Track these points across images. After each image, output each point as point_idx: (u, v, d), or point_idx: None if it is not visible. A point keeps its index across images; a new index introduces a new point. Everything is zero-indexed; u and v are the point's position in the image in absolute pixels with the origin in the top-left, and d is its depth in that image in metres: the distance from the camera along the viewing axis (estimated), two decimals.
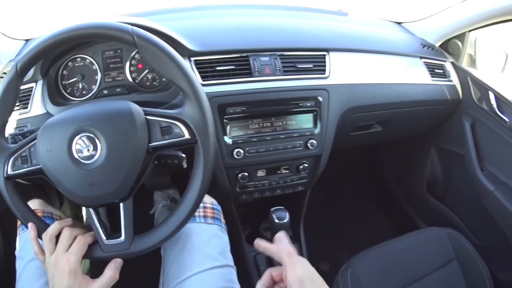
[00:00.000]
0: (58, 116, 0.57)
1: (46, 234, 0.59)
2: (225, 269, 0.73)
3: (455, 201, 1.23)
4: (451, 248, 0.97)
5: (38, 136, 0.57)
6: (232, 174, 0.84)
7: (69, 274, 0.56)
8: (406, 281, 0.90)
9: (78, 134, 0.55)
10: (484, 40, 1.19)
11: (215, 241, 0.75)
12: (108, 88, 0.83)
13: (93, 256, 0.61)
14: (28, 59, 0.58)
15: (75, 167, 0.54)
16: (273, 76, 0.83)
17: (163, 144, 0.57)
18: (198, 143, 0.57)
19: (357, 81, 0.91)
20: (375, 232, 1.50)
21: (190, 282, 0.68)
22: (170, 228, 0.59)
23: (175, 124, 0.56)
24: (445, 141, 1.22)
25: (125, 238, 0.59)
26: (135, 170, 0.55)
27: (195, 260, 0.70)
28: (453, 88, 1.10)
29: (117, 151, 0.54)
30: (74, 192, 0.55)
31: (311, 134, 0.85)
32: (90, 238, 0.60)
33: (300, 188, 0.92)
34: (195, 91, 0.56)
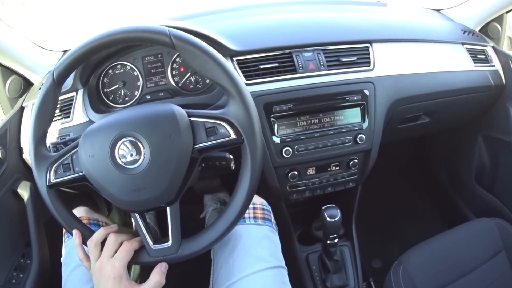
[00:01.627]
0: (99, 122, 0.57)
1: (91, 240, 0.59)
2: (276, 270, 0.71)
3: (504, 190, 1.18)
4: (499, 239, 0.94)
5: (79, 143, 0.56)
6: (282, 174, 0.83)
7: (114, 280, 0.55)
8: (455, 276, 0.88)
9: (120, 139, 0.54)
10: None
11: (266, 242, 0.74)
12: (151, 93, 0.83)
13: (140, 261, 0.60)
14: (65, 67, 0.57)
15: (119, 172, 0.54)
16: (318, 71, 0.81)
17: (208, 145, 0.55)
18: (244, 143, 0.55)
19: (402, 72, 0.88)
20: (426, 226, 1.47)
21: (240, 285, 0.67)
22: (218, 231, 0.58)
23: (220, 125, 0.55)
24: (491, 129, 1.17)
25: (172, 242, 0.58)
26: (181, 173, 0.54)
27: (245, 262, 0.69)
28: (496, 73, 1.05)
29: (161, 155, 0.53)
30: (118, 198, 0.55)
31: (360, 128, 0.83)
32: (136, 244, 0.59)
33: (351, 185, 0.90)
34: (238, 89, 0.55)
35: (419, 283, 0.84)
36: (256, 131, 0.55)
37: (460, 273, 0.88)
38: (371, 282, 0.99)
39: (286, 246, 0.79)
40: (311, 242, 0.98)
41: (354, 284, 0.95)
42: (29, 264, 0.90)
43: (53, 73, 0.58)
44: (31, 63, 0.93)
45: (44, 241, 0.93)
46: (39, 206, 0.92)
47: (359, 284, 0.96)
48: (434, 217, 1.52)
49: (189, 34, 0.55)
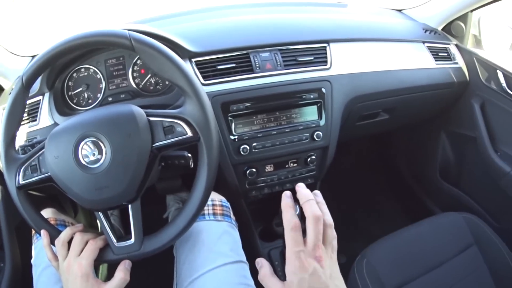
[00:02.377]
0: (63, 124, 0.59)
1: (58, 240, 0.60)
2: (238, 265, 0.72)
3: (470, 184, 1.19)
4: (469, 233, 0.94)
5: (45, 144, 0.58)
6: (240, 171, 0.83)
7: (81, 279, 0.56)
8: (424, 269, 0.87)
9: (83, 140, 0.55)
10: (488, 19, 1.16)
11: (226, 238, 0.74)
12: (113, 95, 0.84)
13: (105, 259, 0.61)
14: (33, 71, 0.59)
15: (82, 172, 0.55)
16: (274, 70, 0.82)
17: (166, 143, 0.57)
18: (201, 140, 0.57)
19: (360, 70, 0.90)
20: (390, 221, 1.47)
21: (204, 280, 0.68)
22: (178, 227, 0.59)
23: (177, 123, 0.57)
24: (455, 124, 1.19)
25: (135, 240, 0.59)
26: (141, 171, 0.56)
27: (207, 258, 0.70)
28: (459, 71, 1.07)
29: (121, 154, 0.55)
30: (82, 197, 0.56)
31: (317, 126, 0.84)
32: (101, 242, 0.60)
33: (310, 181, 0.91)
34: (194, 89, 0.56)
35: (384, 276, 0.84)
36: (212, 129, 0.57)
37: (429, 266, 0.88)
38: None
39: (248, 242, 0.79)
40: (273, 238, 0.98)
41: None
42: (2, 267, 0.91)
43: (22, 77, 0.59)
44: (2, 68, 0.95)
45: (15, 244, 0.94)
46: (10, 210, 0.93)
47: None
48: (398, 213, 1.52)
49: (149, 36, 0.57)
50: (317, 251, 0.49)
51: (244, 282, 0.71)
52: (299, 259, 0.49)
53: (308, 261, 0.48)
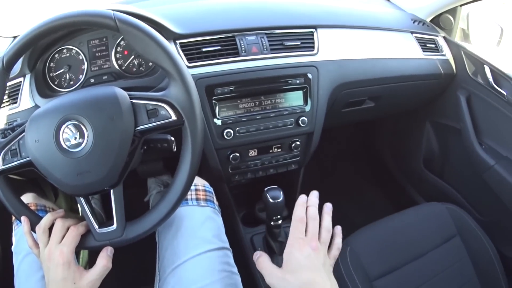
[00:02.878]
0: (44, 106, 0.56)
1: (39, 226, 0.58)
2: (221, 251, 0.71)
3: (454, 176, 1.20)
4: (452, 224, 0.95)
5: (26, 128, 0.56)
6: (223, 156, 0.82)
7: (63, 266, 0.55)
8: (407, 258, 0.87)
9: (64, 123, 0.54)
10: (477, 15, 1.16)
11: (209, 224, 0.73)
12: (95, 77, 0.82)
13: (87, 246, 0.60)
14: (14, 52, 0.57)
15: (63, 156, 0.53)
16: (260, 54, 0.81)
17: (150, 127, 0.55)
18: (185, 124, 0.55)
19: (347, 57, 0.89)
20: (373, 210, 1.47)
21: (186, 267, 0.66)
22: (161, 213, 0.58)
23: (161, 106, 0.55)
24: (440, 115, 1.19)
25: (117, 226, 0.58)
26: (123, 156, 0.54)
27: (190, 244, 0.69)
28: (446, 62, 1.07)
29: (103, 137, 0.53)
30: (63, 182, 0.54)
31: (302, 111, 0.83)
32: (82, 228, 0.59)
33: (294, 167, 0.90)
34: (179, 72, 0.55)
35: (368, 265, 0.84)
36: (197, 113, 0.55)
37: (412, 255, 0.88)
38: None
39: (230, 227, 0.78)
40: (255, 224, 0.97)
41: None
42: None
43: (3, 59, 0.57)
44: None
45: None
46: None
47: None
48: (381, 201, 1.53)
49: (134, 17, 0.55)
50: (314, 241, 0.57)
51: (227, 269, 0.69)
52: (298, 243, 0.57)
53: (305, 246, 0.56)
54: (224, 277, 0.68)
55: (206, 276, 0.66)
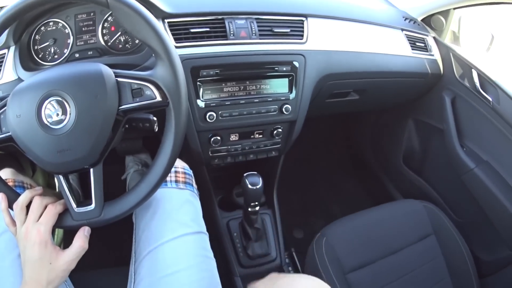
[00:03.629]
0: (27, 81, 0.55)
1: (17, 204, 0.57)
2: (198, 236, 0.70)
3: (433, 174, 1.21)
4: (428, 222, 0.95)
5: (8, 102, 0.53)
6: (204, 138, 0.81)
7: (39, 245, 0.53)
8: (382, 253, 0.88)
9: (47, 99, 0.52)
10: (469, 19, 1.17)
11: (187, 207, 0.72)
12: (80, 52, 0.79)
13: (64, 225, 0.58)
14: (0, 24, 0.55)
15: (45, 133, 0.52)
16: (249, 39, 0.79)
17: (133, 106, 0.54)
18: (169, 106, 0.54)
19: (335, 48, 0.88)
20: (350, 202, 1.48)
21: (163, 250, 0.65)
22: (140, 194, 0.57)
23: (146, 86, 0.54)
24: (423, 114, 1.20)
25: (95, 206, 0.56)
26: (105, 135, 0.53)
27: (167, 227, 0.67)
28: (434, 63, 1.07)
29: (86, 115, 0.52)
30: (43, 159, 0.53)
31: (286, 99, 0.82)
32: (60, 207, 0.57)
33: (274, 154, 0.89)
34: (167, 52, 0.53)
35: (343, 257, 0.84)
36: (182, 95, 0.54)
37: (387, 250, 0.89)
38: (292, 253, 1.00)
39: (207, 211, 0.78)
40: (232, 208, 0.97)
41: (275, 254, 0.95)
42: None
43: None
44: None
45: None
46: None
47: (281, 253, 0.95)
48: (359, 194, 1.53)
49: None
50: None
51: (203, 254, 0.69)
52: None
53: None
54: (200, 262, 0.67)
55: (181, 260, 0.65)
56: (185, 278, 0.63)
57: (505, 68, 1.06)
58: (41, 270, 0.54)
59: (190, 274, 0.64)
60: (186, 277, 0.64)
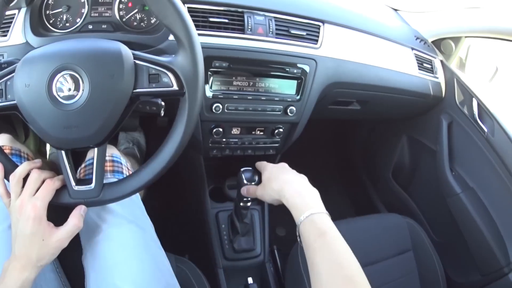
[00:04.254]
0: (41, 49, 0.52)
1: (14, 175, 0.55)
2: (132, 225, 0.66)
3: (419, 192, 1.23)
4: (408, 238, 0.97)
5: (17, 69, 0.51)
6: (206, 128, 0.81)
7: (33, 221, 0.52)
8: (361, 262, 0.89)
9: (61, 72, 0.50)
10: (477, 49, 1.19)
11: None
12: (93, 24, 0.77)
13: (60, 202, 0.57)
14: None
15: (53, 106, 0.50)
16: (265, 36, 0.79)
17: (148, 92, 0.53)
18: (185, 96, 0.53)
19: (347, 58, 0.88)
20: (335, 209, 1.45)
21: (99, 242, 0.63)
22: (142, 179, 0.56)
23: (164, 73, 0.53)
24: (418, 133, 1.22)
25: (95, 185, 0.56)
26: (116, 116, 0.52)
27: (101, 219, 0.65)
28: (437, 85, 1.09)
29: (100, 94, 0.50)
30: (47, 133, 0.51)
31: (292, 100, 0.83)
32: (58, 183, 0.56)
33: (271, 152, 0.90)
34: (191, 42, 0.52)
35: None
36: (199, 87, 0.53)
37: (366, 261, 0.89)
38: (274, 250, 1.01)
39: (198, 200, 0.78)
40: (222, 200, 0.98)
41: (260, 250, 0.96)
42: None
43: None
44: None
45: None
46: None
47: (265, 249, 0.96)
48: (345, 202, 1.55)
49: None
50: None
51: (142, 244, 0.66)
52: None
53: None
54: (140, 252, 0.64)
55: (119, 252, 0.63)
56: (125, 270, 0.61)
57: (503, 101, 1.09)
58: (32, 245, 0.53)
59: (131, 266, 0.62)
60: (126, 268, 0.62)
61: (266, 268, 0.95)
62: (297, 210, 0.58)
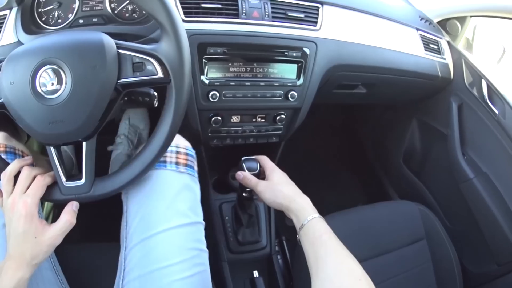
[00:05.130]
0: (24, 46, 0.51)
1: (5, 173, 0.53)
2: (194, 226, 0.63)
3: (431, 177, 1.17)
4: (421, 226, 0.92)
5: (2, 67, 0.50)
6: (205, 117, 0.77)
7: (25, 218, 0.50)
8: (372, 252, 0.85)
9: (43, 66, 0.49)
10: (484, 29, 1.13)
11: (186, 194, 0.64)
12: (85, 18, 0.75)
13: (52, 198, 0.56)
14: None
15: (38, 102, 0.49)
16: (261, 20, 0.75)
17: (133, 81, 0.51)
18: (171, 83, 0.51)
19: (349, 39, 0.84)
20: (346, 196, 1.44)
21: (155, 240, 0.59)
22: (133, 172, 0.54)
23: (148, 61, 0.50)
24: (428, 116, 1.16)
25: (85, 181, 0.53)
26: (101, 108, 0.50)
27: (162, 216, 0.61)
28: (445, 66, 1.03)
29: (82, 87, 0.48)
30: (34, 129, 0.50)
31: (293, 85, 0.78)
32: (49, 179, 0.54)
33: (274, 139, 0.85)
34: (174, 27, 0.50)
35: None
36: (186, 74, 0.51)
37: (378, 251, 0.86)
38: (283, 240, 0.97)
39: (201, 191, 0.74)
40: (226, 191, 0.94)
41: (266, 242, 0.92)
42: None
43: None
44: None
45: None
46: None
47: (271, 242, 0.92)
48: (356, 190, 1.50)
49: None
50: None
51: (198, 247, 0.63)
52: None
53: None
54: (194, 256, 0.62)
55: (175, 254, 0.60)
56: (176, 274, 0.58)
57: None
58: (25, 244, 0.51)
59: (182, 270, 0.59)
60: (177, 272, 0.59)
61: (273, 261, 0.91)
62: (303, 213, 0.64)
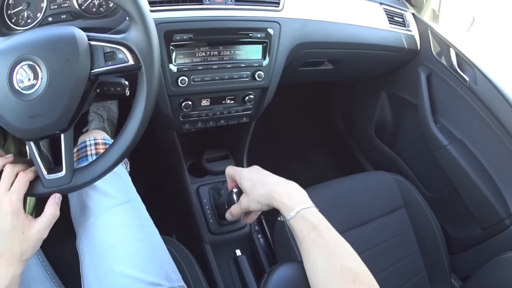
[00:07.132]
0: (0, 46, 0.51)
1: None
2: (127, 205, 0.66)
3: (404, 148, 1.18)
4: (399, 195, 0.92)
5: None
6: (175, 103, 0.77)
7: (11, 215, 0.51)
8: (352, 223, 0.85)
9: (19, 63, 0.49)
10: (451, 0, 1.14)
11: (111, 178, 0.66)
12: (53, 15, 0.74)
13: (35, 193, 0.56)
14: None
15: (16, 98, 0.49)
16: (224, 4, 0.75)
17: (105, 70, 0.51)
18: (142, 70, 0.51)
19: (312, 17, 0.84)
20: (321, 172, 1.44)
21: (94, 225, 0.62)
22: (111, 159, 0.54)
23: (119, 50, 0.51)
24: (397, 88, 1.16)
25: (66, 172, 0.54)
26: (76, 99, 0.50)
27: (94, 201, 0.64)
28: (411, 38, 1.03)
29: (58, 80, 0.49)
30: (14, 126, 0.50)
31: (259, 65, 0.78)
32: (31, 174, 0.54)
33: (245, 120, 0.86)
34: (142, 15, 0.50)
35: None
36: (155, 59, 0.51)
37: (357, 221, 0.86)
38: (262, 220, 0.98)
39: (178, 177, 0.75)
40: (202, 174, 0.94)
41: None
42: None
43: None
44: None
45: None
46: None
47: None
48: (329, 164, 1.50)
49: None
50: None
51: (138, 224, 0.65)
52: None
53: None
54: (135, 232, 0.63)
55: (114, 234, 0.62)
56: (122, 251, 0.60)
57: (484, 50, 1.04)
58: (14, 240, 0.52)
59: (127, 247, 0.61)
60: (122, 250, 0.60)
61: (254, 239, 0.92)
62: (287, 207, 0.56)
